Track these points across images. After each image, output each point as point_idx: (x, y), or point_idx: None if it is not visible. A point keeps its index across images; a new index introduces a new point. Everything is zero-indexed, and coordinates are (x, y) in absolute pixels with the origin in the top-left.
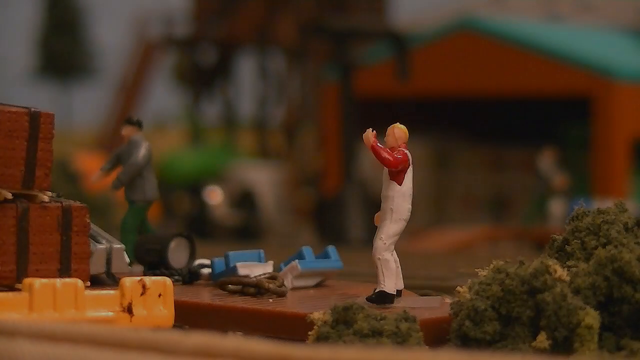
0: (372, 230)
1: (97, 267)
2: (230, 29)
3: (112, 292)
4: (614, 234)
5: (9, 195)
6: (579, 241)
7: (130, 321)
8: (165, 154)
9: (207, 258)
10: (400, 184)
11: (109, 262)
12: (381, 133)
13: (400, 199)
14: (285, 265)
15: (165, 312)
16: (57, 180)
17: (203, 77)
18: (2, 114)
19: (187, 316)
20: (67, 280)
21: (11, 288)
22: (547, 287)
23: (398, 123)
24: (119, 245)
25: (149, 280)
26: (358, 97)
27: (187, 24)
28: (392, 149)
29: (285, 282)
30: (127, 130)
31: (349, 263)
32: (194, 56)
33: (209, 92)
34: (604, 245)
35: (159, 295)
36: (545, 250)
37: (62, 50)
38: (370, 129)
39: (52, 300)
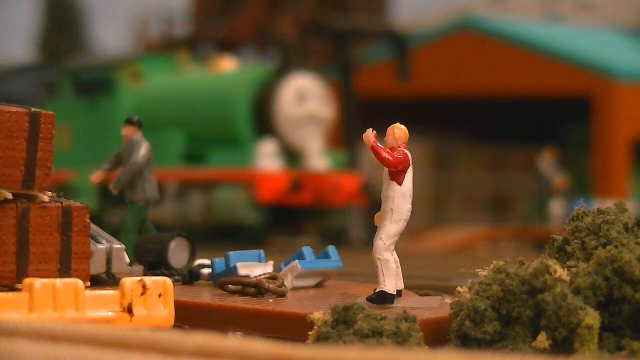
0: (372, 230)
1: (97, 267)
2: (230, 29)
3: (112, 292)
4: (614, 234)
5: (9, 195)
6: (579, 241)
7: (130, 321)
8: None
9: (207, 258)
10: (400, 184)
11: (109, 262)
12: (381, 133)
13: (400, 199)
14: (285, 265)
15: (165, 312)
16: None
17: None
18: (2, 114)
19: (187, 316)
20: (67, 280)
21: (11, 288)
22: (547, 287)
23: (398, 123)
24: (119, 245)
25: (149, 280)
26: (358, 97)
27: (187, 24)
28: (392, 149)
29: (285, 282)
30: (127, 130)
31: (349, 263)
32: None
33: None
34: (604, 245)
35: (159, 295)
36: (545, 250)
37: (62, 50)
38: (370, 129)
39: (52, 300)
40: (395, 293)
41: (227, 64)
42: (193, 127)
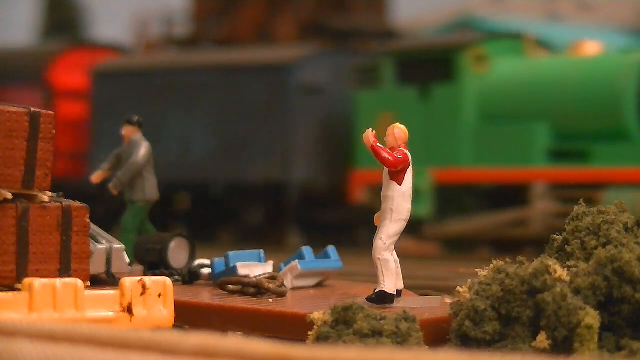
0: (372, 230)
1: (97, 267)
2: (230, 29)
3: (112, 292)
4: (614, 234)
5: (9, 195)
6: (579, 241)
7: (130, 321)
8: None
9: (207, 258)
10: (400, 184)
11: (109, 262)
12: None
13: (400, 199)
14: (285, 265)
15: (165, 312)
16: None
17: None
18: (2, 114)
19: (187, 316)
20: (67, 280)
21: (11, 288)
22: (547, 287)
23: (398, 123)
24: (119, 245)
25: (149, 280)
26: None
27: (187, 24)
28: (392, 149)
29: (285, 282)
30: (127, 130)
31: (348, 263)
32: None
33: None
34: (604, 245)
35: (159, 295)
36: (545, 250)
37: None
38: (370, 129)
39: (52, 300)
40: (395, 293)
41: (592, 47)
42: (563, 120)
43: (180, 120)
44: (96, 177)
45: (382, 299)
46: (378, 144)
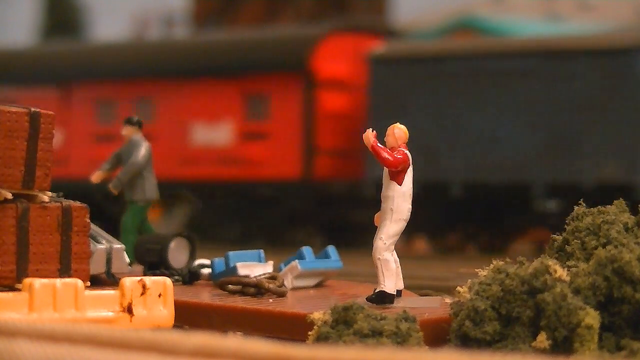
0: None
1: (97, 267)
2: (230, 28)
3: (112, 292)
4: (614, 234)
5: (9, 195)
6: (579, 241)
7: (130, 321)
8: None
9: (207, 258)
10: (400, 184)
11: (109, 262)
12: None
13: (400, 199)
14: (285, 265)
15: (165, 312)
16: None
17: None
18: (2, 114)
19: (187, 316)
20: (67, 280)
21: (11, 288)
22: (547, 287)
23: (398, 123)
24: (119, 245)
25: (149, 280)
26: None
27: (187, 24)
28: (392, 149)
29: (285, 282)
30: (127, 130)
31: (349, 263)
32: None
33: None
34: (604, 245)
35: (159, 295)
36: (545, 250)
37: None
38: (370, 129)
39: (52, 300)
40: (395, 293)
41: None
42: None
43: (486, 113)
44: (96, 177)
45: (382, 299)
46: (378, 144)
